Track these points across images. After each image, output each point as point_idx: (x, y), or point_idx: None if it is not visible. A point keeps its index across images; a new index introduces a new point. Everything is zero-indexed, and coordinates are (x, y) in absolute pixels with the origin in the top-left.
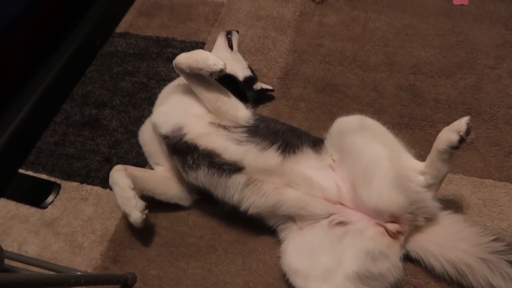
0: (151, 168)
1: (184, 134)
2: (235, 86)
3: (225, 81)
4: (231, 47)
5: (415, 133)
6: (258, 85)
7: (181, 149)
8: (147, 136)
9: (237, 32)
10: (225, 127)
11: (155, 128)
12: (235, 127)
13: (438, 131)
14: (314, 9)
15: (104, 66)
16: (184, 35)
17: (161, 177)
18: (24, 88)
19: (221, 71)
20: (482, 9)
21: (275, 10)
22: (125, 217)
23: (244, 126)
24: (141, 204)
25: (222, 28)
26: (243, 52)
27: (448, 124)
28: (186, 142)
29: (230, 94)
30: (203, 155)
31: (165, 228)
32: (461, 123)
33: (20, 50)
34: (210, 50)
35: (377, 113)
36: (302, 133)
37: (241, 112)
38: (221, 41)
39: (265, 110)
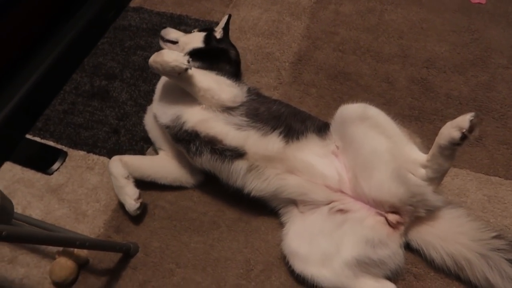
0: (156, 152)
1: (184, 123)
2: (206, 55)
3: (198, 56)
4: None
5: (424, 126)
6: (218, 31)
7: (183, 138)
8: (150, 124)
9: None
10: (223, 110)
11: (155, 118)
12: (231, 109)
13: None
14: None
15: (116, 39)
16: (198, 14)
17: (160, 162)
18: (35, 55)
19: (186, 69)
20: (499, 9)
21: None
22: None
23: (239, 107)
24: (134, 192)
25: (237, 10)
26: (256, 34)
27: None
28: (186, 131)
29: (210, 79)
30: (205, 142)
31: (170, 202)
32: (464, 120)
33: (34, 18)
34: None
35: (388, 104)
36: (306, 117)
37: (224, 94)
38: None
39: (276, 93)
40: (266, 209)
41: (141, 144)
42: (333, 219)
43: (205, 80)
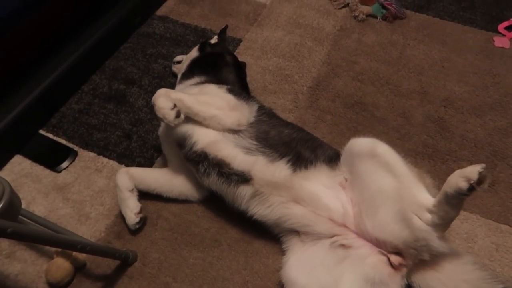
0: (165, 163)
1: (194, 143)
2: (205, 64)
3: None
4: None
5: (437, 166)
6: (213, 38)
7: (192, 158)
8: (163, 135)
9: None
10: (232, 132)
11: (169, 133)
12: (240, 131)
13: (461, 168)
14: (354, 26)
15: (139, 45)
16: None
17: (166, 176)
18: (58, 52)
19: (178, 118)
20: None
21: (316, 20)
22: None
23: (247, 129)
24: (135, 206)
25: (260, 29)
26: (277, 55)
27: (471, 163)
28: (196, 152)
29: (212, 105)
30: (213, 164)
31: (173, 214)
32: (474, 171)
33: (63, 15)
34: (245, 48)
35: (402, 139)
36: (318, 145)
37: (229, 119)
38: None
39: (291, 116)
40: (269, 232)
41: (152, 152)
42: (334, 254)
43: (207, 109)
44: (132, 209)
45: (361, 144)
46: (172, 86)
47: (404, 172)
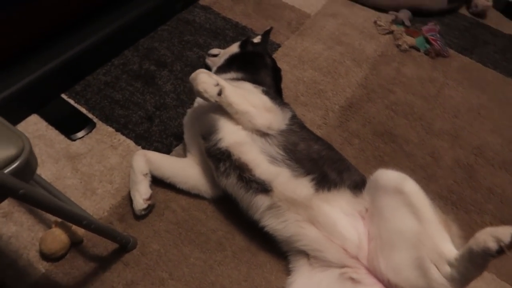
0: (184, 153)
1: (219, 140)
2: (243, 61)
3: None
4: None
5: (459, 214)
6: (255, 37)
7: (215, 154)
8: (187, 125)
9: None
10: (261, 135)
11: (194, 123)
12: (269, 136)
13: (483, 221)
14: (395, 55)
15: (177, 30)
16: (263, 31)
17: (183, 167)
18: (94, 21)
19: (219, 96)
20: None
21: (358, 41)
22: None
23: (277, 136)
24: (146, 191)
25: (301, 39)
26: (314, 68)
27: (495, 218)
28: (220, 149)
29: (249, 101)
30: (234, 166)
31: (182, 208)
32: (506, 233)
33: None
34: (283, 55)
35: (428, 179)
36: (345, 168)
37: (261, 120)
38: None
39: (318, 132)
40: (278, 248)
41: (171, 139)
42: (342, 286)
43: (243, 102)
44: (142, 194)
45: (389, 177)
46: None
47: (430, 217)
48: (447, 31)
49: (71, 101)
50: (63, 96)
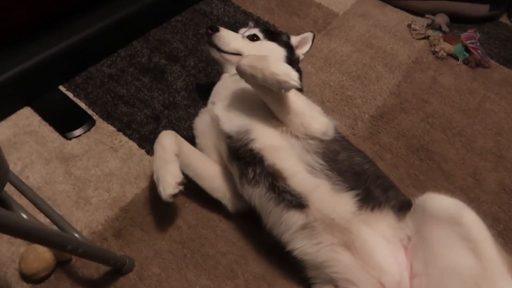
0: None
1: (251, 140)
2: None
3: None
4: None
5: (507, 246)
6: (301, 52)
7: (244, 157)
8: (201, 129)
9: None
10: (303, 140)
11: (217, 122)
12: (311, 143)
13: None
14: (431, 62)
15: (193, 22)
16: (286, 28)
17: (211, 163)
18: (101, 6)
19: (294, 87)
20: None
21: (390, 45)
22: (155, 184)
23: (319, 143)
24: (178, 174)
25: (328, 38)
26: (342, 72)
27: None
28: (251, 150)
29: (305, 101)
30: (266, 173)
31: (188, 224)
32: None
33: None
34: (308, 55)
35: (469, 204)
36: (390, 186)
37: (317, 123)
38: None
39: None
40: (298, 275)
41: None
42: None
43: (300, 102)
44: (174, 175)
45: (442, 204)
46: (219, 74)
47: (491, 256)
48: (487, 39)
49: (70, 94)
50: (61, 88)
